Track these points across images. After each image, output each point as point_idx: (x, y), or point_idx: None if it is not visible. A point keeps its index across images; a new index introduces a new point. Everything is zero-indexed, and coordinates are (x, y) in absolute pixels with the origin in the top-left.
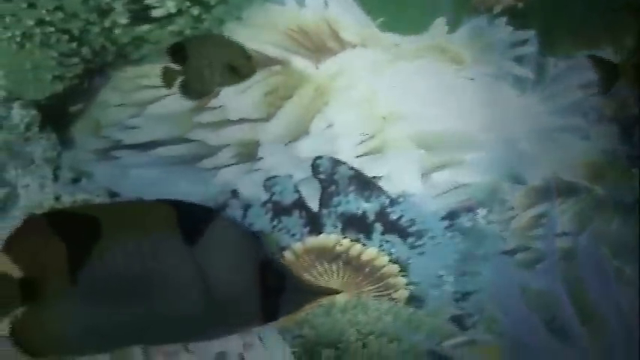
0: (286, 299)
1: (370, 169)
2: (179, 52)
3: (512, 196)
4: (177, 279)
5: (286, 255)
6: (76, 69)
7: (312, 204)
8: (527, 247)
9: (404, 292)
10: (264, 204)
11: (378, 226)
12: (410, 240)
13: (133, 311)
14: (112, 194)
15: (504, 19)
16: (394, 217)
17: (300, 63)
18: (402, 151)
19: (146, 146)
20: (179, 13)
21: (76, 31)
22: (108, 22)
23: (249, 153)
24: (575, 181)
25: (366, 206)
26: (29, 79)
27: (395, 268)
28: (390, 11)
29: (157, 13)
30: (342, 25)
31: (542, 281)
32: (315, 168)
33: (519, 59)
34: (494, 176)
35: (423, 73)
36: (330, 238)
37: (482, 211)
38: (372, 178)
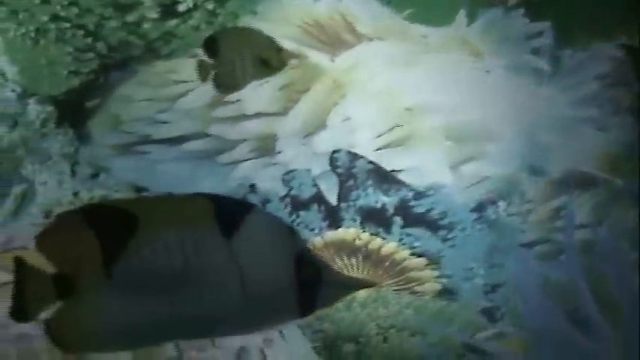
0: (323, 292)
1: (394, 161)
2: (212, 46)
3: (531, 189)
4: (214, 273)
5: None
6: (92, 64)
7: (331, 198)
8: (547, 240)
9: (433, 285)
10: (282, 198)
11: (397, 220)
12: (441, 233)
13: (169, 306)
14: (138, 189)
15: (520, 10)
16: (421, 209)
17: (316, 56)
18: (429, 143)
19: (168, 141)
20: (195, 7)
21: (92, 26)
22: (133, 17)
23: (266, 147)
24: (593, 173)
25: (385, 200)
26: (44, 74)
27: (419, 261)
28: (415, 3)
29: (182, 7)
30: (358, 18)
31: (562, 273)
32: (333, 162)
33: (535, 51)
34: (513, 168)
35: (444, 65)
36: (350, 232)
37: (502, 204)
38: (391, 171)
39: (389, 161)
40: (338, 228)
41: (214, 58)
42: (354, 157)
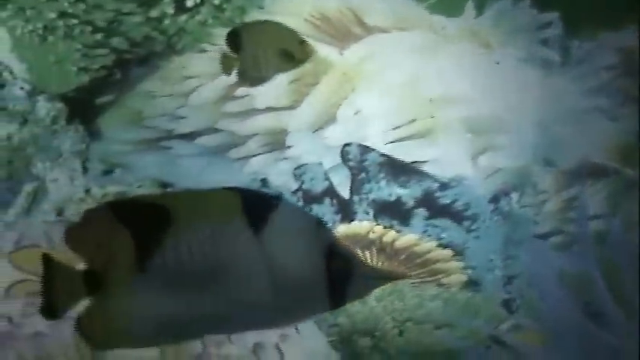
0: (353, 285)
1: (415, 153)
2: (234, 39)
3: (544, 180)
4: (244, 267)
5: None
6: (105, 60)
7: (343, 191)
8: (560, 231)
9: (460, 277)
10: (294, 192)
11: (421, 212)
12: (466, 224)
13: (200, 301)
14: (164, 185)
15: (528, 1)
16: (446, 201)
17: (325, 50)
18: (448, 135)
19: (184, 137)
20: (202, 3)
21: (103, 23)
22: (156, 12)
23: (277, 142)
24: (605, 163)
25: (402, 192)
26: (53, 72)
27: (445, 252)
28: None
29: (190, 3)
30: (368, 10)
31: (576, 264)
32: (345, 155)
33: (544, 42)
34: (525, 160)
35: (456, 56)
36: (363, 225)
37: (515, 195)
38: (413, 162)
39: (409, 153)
40: (351, 221)
41: (237, 51)
42: (365, 150)
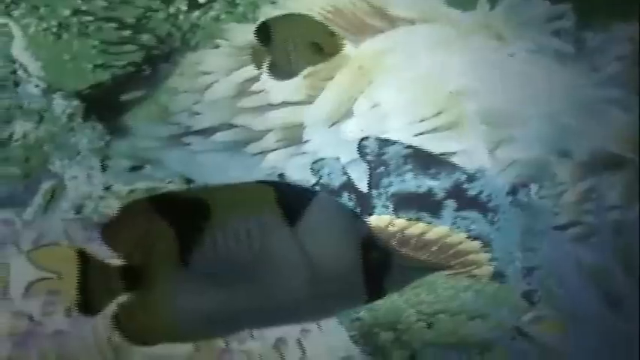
0: (392, 276)
1: (439, 146)
2: (264, 33)
3: (561, 171)
4: (280, 261)
5: None
6: (133, 56)
7: (361, 186)
8: (579, 222)
9: (487, 268)
10: (312, 187)
11: (450, 203)
12: (490, 215)
13: (240, 294)
14: (187, 180)
15: None
16: (473, 193)
17: None
18: (467, 128)
19: (202, 132)
20: None
21: (131, 19)
22: (173, 9)
23: (294, 136)
24: (621, 154)
25: (433, 184)
26: (69, 69)
27: (475, 244)
28: None
29: None
30: (385, 2)
31: (595, 255)
32: (362, 149)
33: (557, 33)
34: (541, 151)
35: (473, 49)
36: (383, 218)
37: (533, 187)
38: (442, 154)
39: (430, 146)
40: (370, 215)
41: (268, 45)
42: (385, 143)
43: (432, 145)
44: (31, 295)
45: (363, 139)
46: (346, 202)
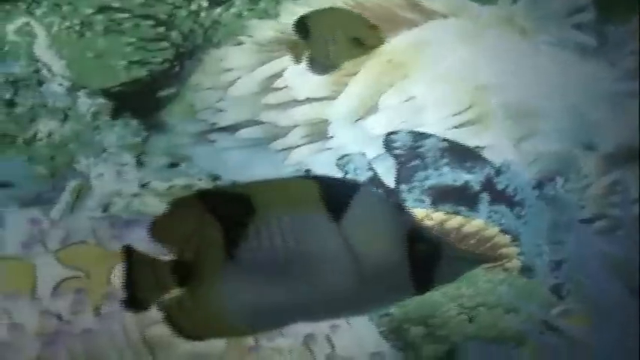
0: (441, 268)
1: (470, 139)
2: (303, 27)
3: (585, 164)
4: (326, 255)
5: None
6: (166, 53)
7: (388, 180)
8: (604, 215)
9: (517, 262)
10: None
11: (485, 197)
12: (517, 209)
13: (287, 288)
14: (214, 177)
15: None
16: (501, 186)
17: None
18: (493, 121)
19: (227, 129)
20: None
21: (163, 16)
22: (194, 6)
23: (319, 132)
24: None
25: (469, 177)
26: (94, 67)
27: (507, 238)
28: None
29: None
30: None
31: (622, 248)
32: (389, 143)
33: (578, 27)
34: (565, 145)
35: (497, 43)
36: (419, 212)
37: (559, 180)
38: (475, 147)
39: (463, 139)
40: None
41: (306, 39)
42: (420, 136)
43: (463, 139)
44: (59, 295)
45: (390, 133)
46: None
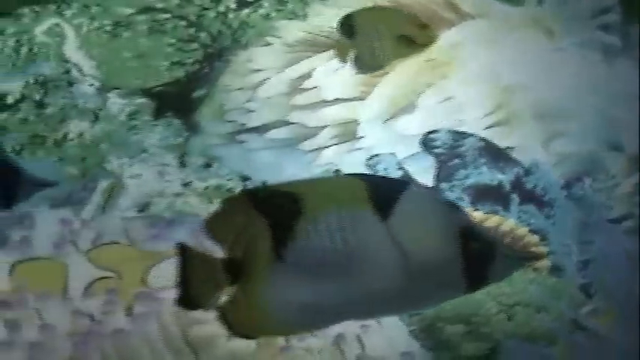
0: (495, 266)
1: (500, 140)
2: (348, 26)
3: (613, 164)
4: (375, 253)
5: None
6: (196, 54)
7: (425, 179)
8: (632, 215)
9: (546, 262)
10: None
11: (515, 197)
12: (546, 209)
13: (336, 287)
14: (244, 178)
15: None
16: (530, 187)
17: None
18: (521, 122)
19: (256, 130)
20: None
21: (193, 17)
22: (222, 7)
23: (348, 132)
24: None
25: (502, 177)
26: (134, 67)
27: (536, 237)
28: None
29: None
30: None
31: None
32: (428, 142)
33: (604, 27)
34: (591, 145)
35: (525, 44)
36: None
37: (587, 180)
38: (507, 148)
39: (497, 140)
40: None
41: (352, 38)
42: (460, 135)
43: (493, 139)
44: (91, 295)
45: (429, 132)
46: None
